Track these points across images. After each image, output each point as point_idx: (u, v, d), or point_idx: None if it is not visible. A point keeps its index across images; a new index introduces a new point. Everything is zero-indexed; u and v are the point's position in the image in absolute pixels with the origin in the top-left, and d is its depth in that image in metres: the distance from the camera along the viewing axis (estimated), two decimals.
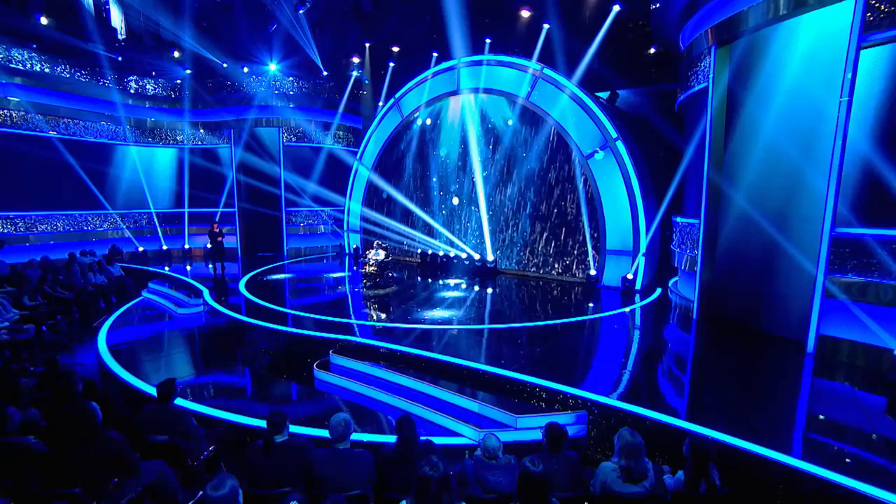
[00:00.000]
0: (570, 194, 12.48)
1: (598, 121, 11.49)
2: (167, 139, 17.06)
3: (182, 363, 7.72)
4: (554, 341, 7.65)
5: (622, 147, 11.15)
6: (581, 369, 6.54)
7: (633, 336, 8.19)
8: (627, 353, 7.32)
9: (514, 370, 6.05)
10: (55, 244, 14.50)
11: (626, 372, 6.38)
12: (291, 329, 7.90)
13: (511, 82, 13.03)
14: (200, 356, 8.12)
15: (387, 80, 16.72)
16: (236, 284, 12.19)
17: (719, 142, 7.91)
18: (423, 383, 6.18)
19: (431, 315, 9.02)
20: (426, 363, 6.65)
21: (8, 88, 13.11)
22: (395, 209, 16.53)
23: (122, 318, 10.53)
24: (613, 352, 7.42)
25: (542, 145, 12.85)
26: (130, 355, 7.78)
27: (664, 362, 7.01)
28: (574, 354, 7.22)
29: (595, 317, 9.15)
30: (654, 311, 9.65)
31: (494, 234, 14.14)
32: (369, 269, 11.81)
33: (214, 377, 7.07)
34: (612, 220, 11.56)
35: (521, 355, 6.86)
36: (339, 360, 7.12)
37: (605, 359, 7.12)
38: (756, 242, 7.49)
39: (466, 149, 14.45)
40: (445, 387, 6.03)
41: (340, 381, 6.66)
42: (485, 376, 6.10)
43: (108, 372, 6.98)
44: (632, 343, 7.85)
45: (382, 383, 6.54)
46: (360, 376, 6.80)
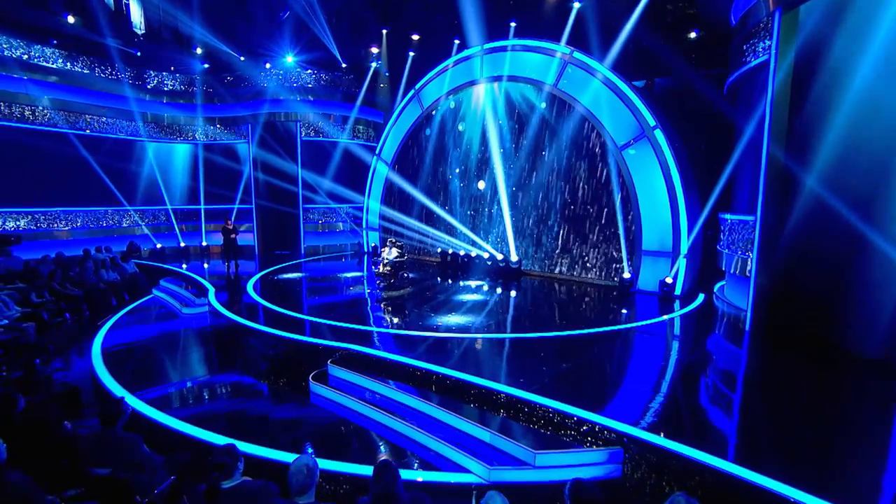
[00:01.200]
0: (602, 189, 11.40)
1: (633, 108, 10.38)
2: (185, 135, 16.85)
3: (172, 368, 7.17)
4: (582, 355, 6.69)
5: (661, 136, 10.01)
6: (614, 392, 5.57)
7: (674, 350, 7.14)
8: (668, 373, 6.28)
9: (535, 391, 5.15)
10: (76, 240, 14.43)
11: (668, 397, 5.38)
12: (287, 334, 7.22)
13: (537, 68, 12.04)
14: (194, 361, 7.56)
15: (406, 71, 15.97)
16: (256, 283, 11.71)
17: (783, 121, 6.67)
18: (426, 403, 5.36)
19: (446, 321, 8.20)
20: (434, 379, 5.82)
21: (27, 84, 13.05)
22: (415, 206, 15.76)
23: (127, 317, 10.16)
24: (651, 370, 6.40)
25: (571, 136, 11.81)
26: (123, 358, 7.29)
27: (712, 385, 5.95)
28: (605, 372, 6.25)
29: (629, 326, 8.11)
30: (698, 321, 8.53)
31: (518, 232, 13.18)
32: (382, 268, 11.07)
33: (202, 385, 6.46)
34: (649, 217, 10.44)
35: (544, 372, 5.95)
36: (337, 372, 6.38)
37: (642, 379, 6.11)
38: (833, 238, 6.22)
39: (489, 142, 13.53)
40: (452, 409, 5.18)
41: (338, 397, 5.91)
42: (500, 398, 5.23)
43: (96, 377, 6.48)
44: (673, 359, 6.81)
45: (382, 401, 5.76)
46: (360, 392, 6.05)
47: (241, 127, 16.78)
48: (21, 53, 12.94)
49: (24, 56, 13.01)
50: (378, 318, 8.86)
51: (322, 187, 17.25)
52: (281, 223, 17.13)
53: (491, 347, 7.09)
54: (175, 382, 6.47)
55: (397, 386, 5.84)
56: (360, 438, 5.18)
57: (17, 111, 12.94)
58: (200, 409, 5.75)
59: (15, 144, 13.00)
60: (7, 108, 12.89)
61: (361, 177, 17.01)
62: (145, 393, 5.94)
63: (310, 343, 6.98)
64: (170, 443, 5.07)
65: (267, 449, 4.61)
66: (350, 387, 6.18)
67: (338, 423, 5.55)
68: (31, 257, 11.92)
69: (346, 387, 6.20)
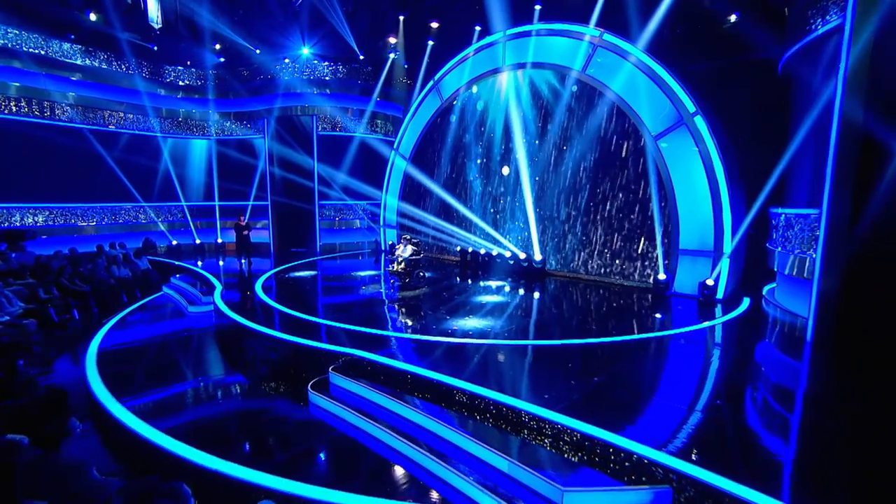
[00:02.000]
0: (634, 182, 10.49)
1: (671, 93, 9.46)
2: (200, 131, 16.63)
3: (166, 373, 6.66)
4: (615, 367, 5.88)
5: (702, 123, 9.06)
6: (656, 413, 4.75)
7: (721, 364, 6.24)
8: (718, 391, 5.41)
9: (563, 411, 4.39)
10: (102, 236, 14.32)
11: (721, 422, 4.53)
12: (286, 337, 6.63)
13: (564, 54, 11.20)
14: (189, 365, 7.06)
15: (424, 61, 15.32)
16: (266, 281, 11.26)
17: (862, 90, 5.58)
18: (435, 421, 4.66)
19: (463, 325, 7.49)
20: (445, 392, 5.13)
21: (44, 80, 12.95)
22: (434, 202, 15.10)
23: (132, 315, 9.82)
24: (698, 387, 5.54)
25: (601, 125, 10.93)
26: (118, 360, 6.87)
27: (772, 407, 5.06)
28: (644, 389, 5.42)
29: (667, 334, 7.23)
30: (747, 329, 7.57)
31: (543, 229, 12.36)
32: (397, 267, 10.44)
33: (193, 392, 5.93)
34: (688, 213, 9.49)
35: (572, 387, 5.18)
36: (339, 381, 5.76)
37: (688, 398, 5.26)
38: None
39: (512, 133, 12.76)
40: (464, 429, 4.47)
41: (340, 410, 5.27)
42: (521, 418, 4.49)
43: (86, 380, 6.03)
44: (721, 374, 5.91)
45: (386, 414, 5.10)
46: (363, 404, 5.40)
47: (256, 121, 16.46)
48: (38, 49, 12.87)
49: (41, 52, 12.93)
50: (389, 320, 8.23)
51: (338, 183, 16.78)
52: (296, 220, 16.74)
53: (511, 356, 6.35)
54: (165, 388, 5.96)
55: (403, 399, 5.17)
56: (360, 460, 4.53)
57: (36, 107, 12.88)
58: (186, 420, 5.20)
59: (33, 140, 12.93)
60: (27, 104, 12.83)
61: (379, 172, 16.46)
62: (131, 399, 5.44)
63: (311, 347, 6.37)
64: (146, 459, 4.54)
65: (250, 471, 4.00)
66: (352, 398, 5.55)
67: (337, 441, 4.91)
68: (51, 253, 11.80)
69: (349, 397, 5.57)
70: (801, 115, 7.13)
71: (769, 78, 9.82)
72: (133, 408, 5.19)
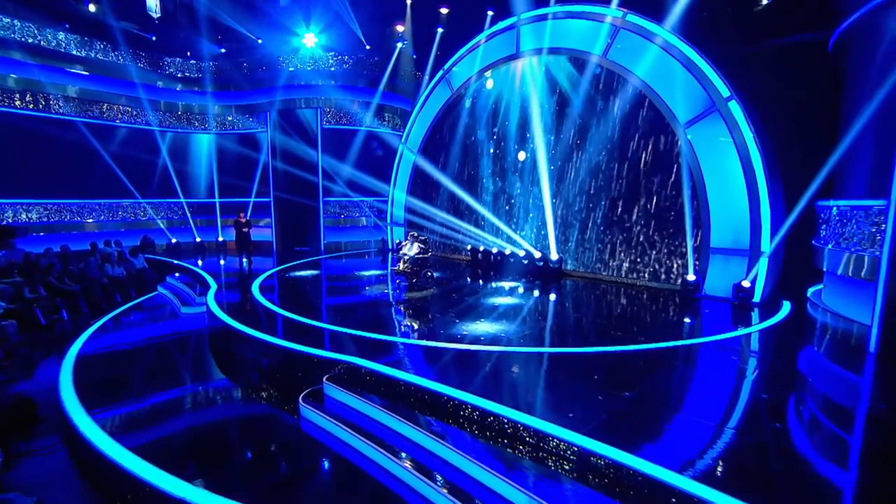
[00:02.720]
0: (661, 175, 9.81)
1: (701, 76, 8.77)
2: (200, 124, 16.25)
3: (147, 380, 6.17)
4: (647, 380, 5.25)
5: (737, 109, 8.36)
6: (702, 437, 4.11)
7: (764, 376, 5.56)
8: (767, 409, 4.74)
9: (591, 433, 3.79)
10: (103, 233, 14.00)
11: (781, 450, 3.89)
12: (277, 341, 6.10)
13: (583, 37, 10.56)
14: (174, 372, 6.56)
15: (434, 50, 14.77)
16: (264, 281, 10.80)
17: None
18: (440, 443, 4.08)
19: (474, 329, 6.91)
20: (451, 407, 4.55)
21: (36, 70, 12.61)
22: (443, 199, 14.54)
23: (123, 316, 9.41)
24: (739, 404, 4.88)
25: (623, 114, 10.27)
26: (98, 366, 6.41)
27: (832, 431, 4.39)
28: (680, 406, 4.78)
29: (700, 341, 6.56)
30: (791, 336, 6.88)
31: (559, 226, 11.71)
32: (403, 266, 9.89)
33: (172, 404, 5.42)
34: (720, 208, 8.80)
35: (599, 403, 4.56)
36: (335, 393, 5.21)
37: (731, 417, 4.61)
38: None
39: (527, 124, 12.15)
40: (473, 453, 3.89)
41: (334, 428, 4.71)
42: (543, 442, 3.90)
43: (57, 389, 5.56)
44: (765, 389, 5.24)
45: (387, 434, 4.53)
46: (361, 420, 4.85)
47: (258, 115, 16.04)
48: (31, 39, 12.53)
49: (35, 41, 12.60)
50: (393, 324, 7.67)
51: (343, 179, 16.30)
52: (300, 217, 16.28)
53: (528, 366, 5.75)
54: (141, 399, 5.47)
55: (408, 417, 4.60)
56: (356, 488, 3.97)
57: (29, 99, 12.57)
58: (158, 435, 4.69)
59: (26, 133, 12.61)
60: (20, 96, 12.52)
61: (386, 168, 15.94)
62: (102, 411, 4.95)
63: (303, 353, 5.83)
64: (108, 481, 4.03)
65: (224, 501, 3.47)
66: (349, 412, 5.00)
67: (330, 463, 4.36)
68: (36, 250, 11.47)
69: (346, 412, 5.02)
70: (856, 97, 6.43)
71: (809, 60, 9.10)
72: (102, 421, 4.70)
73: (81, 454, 4.45)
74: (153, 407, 5.31)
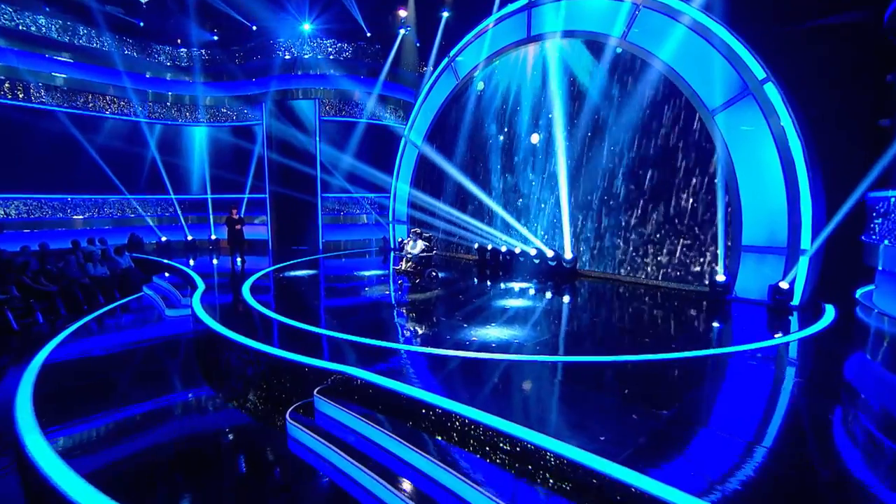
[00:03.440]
0: (687, 167, 9.23)
1: (733, 58, 8.19)
2: (191, 116, 15.75)
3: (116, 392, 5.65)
4: (684, 394, 4.69)
5: (774, 93, 7.78)
6: (765, 471, 3.53)
7: (818, 390, 4.97)
8: (846, 434, 4.16)
9: (629, 462, 3.23)
10: (95, 230, 13.55)
11: (850, 483, 3.31)
12: (265, 348, 5.57)
13: (600, 18, 10.02)
14: (151, 382, 6.03)
15: (438, 37, 14.24)
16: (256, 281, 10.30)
17: None
18: (447, 471, 3.53)
19: (484, 334, 6.36)
20: (458, 426, 4.00)
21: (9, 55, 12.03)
22: (449, 195, 14.00)
23: (102, 318, 8.93)
24: (797, 425, 4.30)
25: (644, 101, 9.70)
26: (65, 374, 5.91)
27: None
28: (730, 427, 4.19)
29: (737, 349, 5.98)
30: (839, 343, 6.28)
31: (574, 223, 11.13)
32: (405, 265, 9.37)
33: (143, 418, 4.90)
34: (754, 202, 8.23)
35: (633, 422, 4.00)
36: (327, 408, 4.67)
37: (791, 441, 4.02)
38: None
39: (539, 114, 11.61)
40: (485, 483, 3.34)
41: (326, 450, 4.17)
42: (571, 471, 3.33)
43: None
44: (823, 406, 4.64)
45: (388, 458, 3.99)
46: (357, 440, 4.31)
47: (253, 106, 15.54)
48: (9, 22, 12.04)
49: (11, 25, 12.07)
50: (395, 328, 7.14)
51: (343, 174, 15.79)
52: (297, 215, 15.78)
53: (547, 377, 5.19)
54: (108, 413, 4.95)
55: (403, 435, 4.06)
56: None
57: (7, 87, 12.11)
58: (120, 456, 4.17)
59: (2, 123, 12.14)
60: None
61: (388, 162, 15.41)
62: (60, 429, 4.44)
63: (292, 361, 5.29)
64: None
65: None
66: (344, 431, 4.46)
67: (320, 492, 3.83)
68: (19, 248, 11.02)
69: (339, 430, 4.48)
70: None
71: (854, 40, 8.50)
72: (57, 441, 4.18)
73: (31, 480, 3.93)
74: (119, 424, 4.79)
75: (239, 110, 15.84)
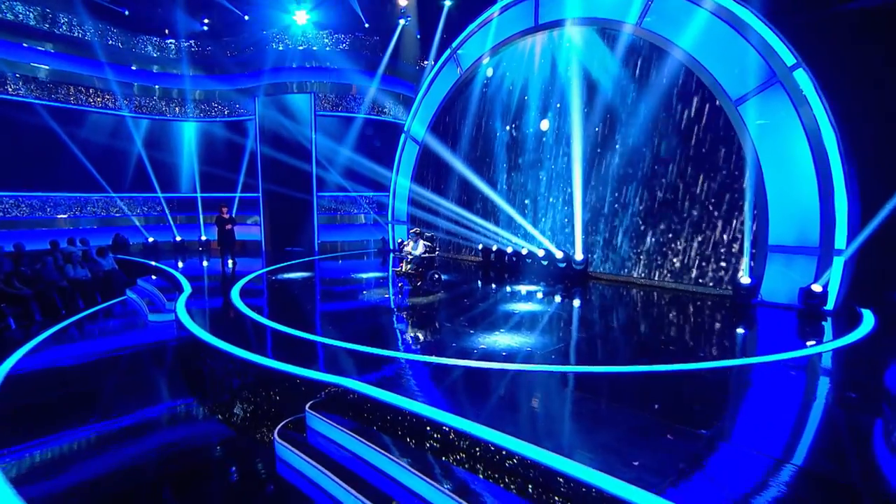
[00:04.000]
0: (708, 162, 8.85)
1: (759, 43, 7.81)
2: (180, 111, 15.37)
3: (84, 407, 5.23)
4: (723, 410, 4.29)
5: (805, 80, 7.40)
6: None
7: (876, 405, 4.56)
8: None
9: (671, 494, 2.82)
10: (62, 231, 13.16)
11: None
12: (251, 356, 5.16)
13: (614, 4, 9.68)
14: (125, 395, 5.61)
15: (440, 27, 13.88)
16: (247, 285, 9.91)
17: None
18: (454, 500, 3.13)
19: (492, 342, 5.96)
20: (465, 447, 3.59)
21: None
22: (452, 194, 13.61)
23: (81, 324, 8.53)
24: (861, 448, 3.89)
25: (662, 92, 9.32)
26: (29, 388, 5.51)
27: None
28: (786, 453, 3.78)
29: (774, 359, 5.57)
30: (887, 351, 5.87)
31: (586, 222, 10.73)
32: (405, 267, 8.98)
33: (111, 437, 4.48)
34: (781, 199, 7.84)
35: (669, 444, 3.58)
36: (321, 426, 4.26)
37: (858, 469, 3.61)
38: None
39: (548, 107, 11.24)
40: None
41: (316, 473, 3.76)
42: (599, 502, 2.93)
43: None
44: (889, 424, 4.23)
45: (379, 479, 3.58)
46: (354, 462, 3.90)
47: (245, 100, 15.17)
48: None
49: None
50: (395, 335, 6.73)
51: (340, 172, 15.40)
52: (292, 214, 15.38)
53: (564, 390, 4.79)
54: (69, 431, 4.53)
55: (406, 457, 3.65)
56: None
57: None
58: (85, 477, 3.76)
59: None
60: None
61: (387, 160, 15.03)
62: (10, 452, 4.03)
63: (282, 373, 4.89)
64: None
65: None
66: (337, 452, 4.05)
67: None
68: None
69: (332, 451, 4.08)
70: None
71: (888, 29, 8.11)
72: (8, 465, 3.77)
73: None
74: (82, 445, 4.37)
75: (230, 104, 15.47)
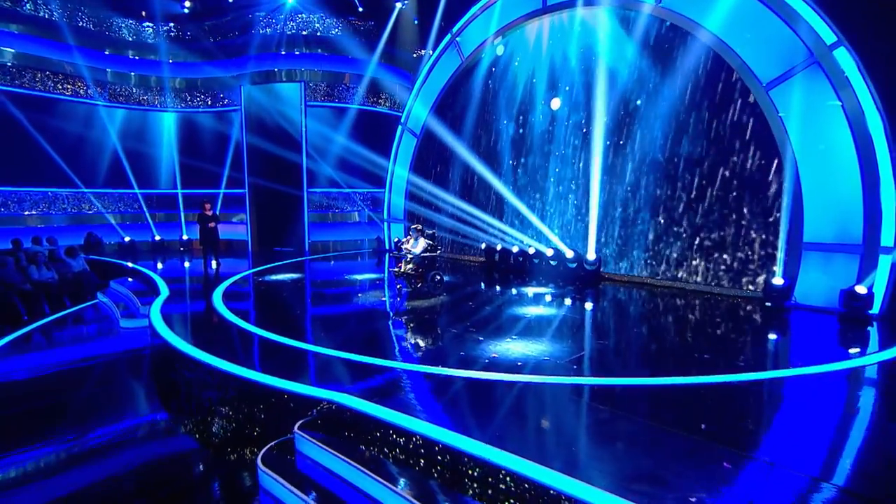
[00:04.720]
0: (734, 149, 8.43)
1: (796, 19, 7.40)
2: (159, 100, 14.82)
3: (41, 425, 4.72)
4: (783, 431, 3.83)
5: (848, 59, 6.99)
6: None
7: None
8: None
9: None
10: (31, 229, 12.59)
11: None
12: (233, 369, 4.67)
13: None
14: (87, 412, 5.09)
15: (440, 9, 13.41)
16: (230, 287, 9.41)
17: None
18: None
19: (503, 350, 5.49)
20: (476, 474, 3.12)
21: None
22: (453, 188, 13.17)
23: (44, 330, 8.01)
24: None
25: (685, 77, 8.91)
26: None
27: None
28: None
29: (827, 369, 5.12)
30: None
31: (598, 219, 10.29)
32: (404, 267, 8.52)
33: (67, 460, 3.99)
34: (818, 191, 7.43)
35: (728, 474, 3.12)
36: (310, 449, 3.78)
37: None
38: None
39: (558, 95, 10.82)
40: None
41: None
42: None
43: None
44: None
45: None
46: (345, 490, 3.43)
47: (230, 89, 14.66)
48: None
49: None
50: (392, 342, 6.25)
51: (333, 167, 14.92)
52: (280, 211, 14.89)
53: (591, 407, 4.32)
54: (19, 457, 4.03)
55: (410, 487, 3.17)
56: None
57: None
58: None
59: None
60: None
61: (382, 153, 14.58)
62: None
63: (268, 387, 4.40)
64: None
65: None
66: (330, 480, 3.57)
67: None
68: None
69: (325, 479, 3.60)
70: None
71: None
72: None
73: None
74: (30, 468, 3.86)
75: (214, 94, 14.95)
